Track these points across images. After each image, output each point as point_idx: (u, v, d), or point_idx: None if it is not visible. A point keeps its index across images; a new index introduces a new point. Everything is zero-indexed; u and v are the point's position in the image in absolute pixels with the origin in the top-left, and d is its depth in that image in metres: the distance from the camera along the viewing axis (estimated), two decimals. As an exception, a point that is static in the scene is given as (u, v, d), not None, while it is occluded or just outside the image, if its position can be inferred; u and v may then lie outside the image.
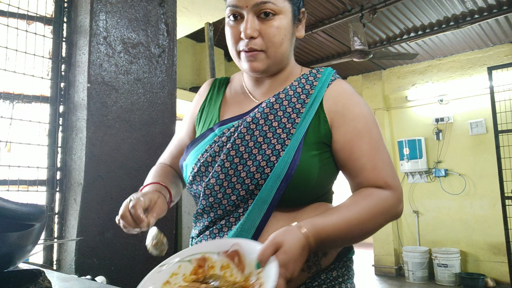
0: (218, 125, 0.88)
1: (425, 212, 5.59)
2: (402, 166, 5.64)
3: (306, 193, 0.80)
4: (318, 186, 0.81)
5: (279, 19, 0.82)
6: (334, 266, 0.84)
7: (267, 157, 0.80)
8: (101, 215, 1.79)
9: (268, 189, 0.78)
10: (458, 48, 5.18)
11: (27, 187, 1.77)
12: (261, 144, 0.81)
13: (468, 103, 5.30)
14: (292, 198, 0.79)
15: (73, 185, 1.80)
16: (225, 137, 0.84)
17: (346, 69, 5.99)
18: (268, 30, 0.81)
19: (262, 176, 0.79)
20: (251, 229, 0.79)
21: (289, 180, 0.77)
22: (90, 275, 1.55)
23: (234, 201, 0.81)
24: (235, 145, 0.82)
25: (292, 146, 0.80)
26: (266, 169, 0.79)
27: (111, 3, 1.93)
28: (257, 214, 0.79)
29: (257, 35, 0.81)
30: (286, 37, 0.84)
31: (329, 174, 0.84)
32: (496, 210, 4.81)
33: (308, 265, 0.80)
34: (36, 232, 0.66)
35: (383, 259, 5.77)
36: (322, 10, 4.05)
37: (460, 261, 5.04)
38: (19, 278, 0.62)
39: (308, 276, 0.81)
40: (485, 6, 4.00)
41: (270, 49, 0.82)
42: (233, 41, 0.85)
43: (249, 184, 0.79)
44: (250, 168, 0.80)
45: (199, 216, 0.87)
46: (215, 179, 0.82)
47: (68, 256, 1.74)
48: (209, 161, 0.84)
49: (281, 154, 0.79)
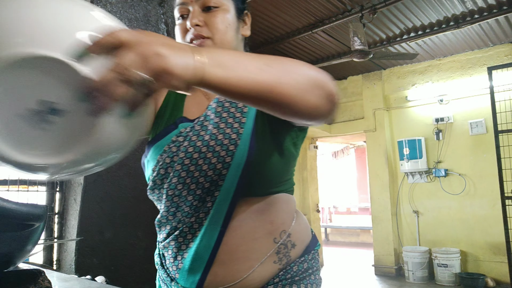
0: (180, 121, 0.88)
1: (425, 212, 5.59)
2: (402, 166, 5.64)
3: (268, 179, 0.83)
4: (278, 172, 0.84)
5: (222, 11, 0.86)
6: (304, 259, 0.88)
7: (225, 147, 0.82)
8: (101, 215, 1.79)
9: (231, 178, 0.80)
10: (458, 48, 5.18)
11: (27, 187, 1.77)
12: (216, 135, 0.83)
13: (468, 103, 5.30)
14: (256, 186, 0.81)
15: (73, 185, 1.80)
16: (181, 137, 0.85)
17: (346, 69, 5.99)
18: (212, 19, 0.85)
19: (224, 165, 0.80)
20: (220, 220, 0.80)
21: (250, 167, 0.79)
22: (90, 275, 1.55)
23: (200, 195, 0.82)
24: (192, 142, 0.83)
25: (246, 133, 0.82)
26: (226, 158, 0.81)
27: (111, 3, 1.93)
28: (223, 205, 0.80)
29: (202, 24, 0.84)
30: (231, 27, 0.87)
31: (287, 159, 0.86)
32: (496, 210, 4.81)
33: (279, 256, 0.83)
34: (36, 232, 0.66)
35: (383, 259, 5.77)
36: (322, 10, 4.05)
37: (460, 261, 5.04)
38: (19, 278, 0.62)
39: (279, 268, 0.83)
40: (485, 6, 4.00)
41: (215, 35, 0.85)
42: (181, 36, 0.88)
43: (212, 176, 0.81)
44: (211, 160, 0.81)
45: (163, 220, 0.87)
46: (177, 178, 0.82)
47: (68, 256, 1.74)
48: (167, 162, 0.84)
49: (238, 143, 0.81)
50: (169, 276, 0.87)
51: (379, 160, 5.90)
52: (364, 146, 8.94)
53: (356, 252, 8.03)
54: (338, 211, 10.51)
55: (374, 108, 5.98)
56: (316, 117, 0.69)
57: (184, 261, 0.83)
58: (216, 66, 0.54)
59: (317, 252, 0.94)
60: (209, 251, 0.80)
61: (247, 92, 0.58)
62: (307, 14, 4.12)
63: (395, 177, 5.89)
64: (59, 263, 1.79)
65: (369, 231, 8.64)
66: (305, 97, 0.64)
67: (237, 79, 0.56)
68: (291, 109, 0.63)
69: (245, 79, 0.57)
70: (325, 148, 9.94)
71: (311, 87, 0.65)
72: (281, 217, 0.86)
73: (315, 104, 0.66)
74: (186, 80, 0.50)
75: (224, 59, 0.56)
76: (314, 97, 0.65)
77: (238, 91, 0.57)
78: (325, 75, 0.69)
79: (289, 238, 0.86)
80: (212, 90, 0.55)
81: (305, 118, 0.68)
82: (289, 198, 0.90)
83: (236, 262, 0.80)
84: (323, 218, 9.94)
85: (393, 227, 5.74)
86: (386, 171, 5.82)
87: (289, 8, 3.96)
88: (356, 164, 10.64)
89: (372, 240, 6.01)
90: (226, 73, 0.55)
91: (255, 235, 0.82)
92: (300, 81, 0.64)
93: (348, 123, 6.37)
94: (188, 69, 0.50)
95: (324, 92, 0.67)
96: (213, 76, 0.53)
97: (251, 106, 0.64)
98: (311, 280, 0.88)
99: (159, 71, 0.47)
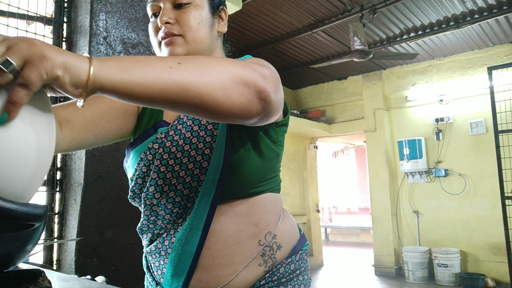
0: (159, 125, 0.86)
1: (425, 212, 5.59)
2: (402, 166, 5.64)
3: (249, 179, 0.80)
4: (259, 171, 0.81)
5: (195, 8, 0.83)
6: (291, 260, 0.86)
7: (201, 151, 0.79)
8: (101, 215, 1.79)
9: (210, 183, 0.78)
10: (458, 48, 5.18)
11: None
12: (190, 139, 0.81)
13: (468, 103, 5.30)
14: (236, 188, 0.79)
15: (73, 185, 1.80)
16: (156, 144, 0.83)
17: (346, 69, 5.99)
18: (183, 16, 0.82)
19: (202, 171, 0.79)
20: (200, 225, 0.79)
21: (227, 169, 0.77)
22: (90, 275, 1.55)
23: (180, 203, 0.80)
24: (166, 148, 0.81)
25: (221, 135, 0.80)
26: (203, 163, 0.79)
27: (111, 3, 1.93)
28: (203, 209, 0.79)
29: (173, 22, 0.82)
30: (204, 24, 0.84)
31: (268, 157, 0.83)
32: (496, 210, 4.81)
33: (264, 259, 0.82)
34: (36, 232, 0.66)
35: (383, 259, 5.77)
36: (322, 10, 4.05)
37: (460, 261, 5.04)
38: (19, 278, 0.62)
39: (265, 270, 0.82)
40: (485, 6, 4.00)
41: (187, 33, 0.82)
42: (153, 34, 0.85)
43: (191, 182, 0.79)
44: (187, 165, 0.79)
45: (144, 228, 0.86)
46: (154, 186, 0.80)
47: (68, 256, 1.74)
48: (144, 171, 0.82)
49: (213, 146, 0.79)
50: (154, 280, 0.86)
51: (379, 160, 5.90)
52: (364, 146, 8.94)
53: (356, 252, 8.03)
54: (338, 211, 10.51)
55: (374, 108, 5.97)
56: (247, 117, 0.65)
57: (167, 267, 0.82)
58: (117, 68, 0.50)
59: (305, 252, 0.92)
60: (191, 257, 0.79)
61: (157, 95, 0.53)
62: (307, 14, 4.12)
63: (395, 177, 5.89)
64: (59, 263, 1.79)
65: (369, 231, 8.64)
66: (229, 96, 0.59)
67: (142, 80, 0.52)
68: (214, 110, 0.59)
69: (151, 80, 0.52)
70: (325, 148, 9.94)
71: (236, 85, 0.60)
72: (266, 218, 0.84)
73: (242, 104, 0.61)
74: (76, 75, 0.47)
75: (129, 63, 0.52)
76: (241, 96, 0.61)
77: (146, 93, 0.52)
78: (255, 71, 0.64)
79: (274, 239, 0.84)
80: (115, 95, 0.52)
81: (233, 118, 0.63)
82: (275, 198, 0.87)
83: (219, 267, 0.79)
84: (323, 218, 9.94)
85: (393, 227, 5.74)
86: (386, 171, 5.82)
87: (289, 8, 3.96)
88: (356, 164, 10.64)
89: (372, 240, 6.01)
90: (129, 75, 0.51)
91: (239, 239, 0.80)
92: (223, 80, 0.59)
93: (348, 123, 6.37)
94: (78, 69, 0.47)
95: (252, 90, 0.62)
96: (114, 79, 0.50)
97: (167, 109, 0.58)
98: (298, 281, 0.86)
99: (29, 56, 0.43)
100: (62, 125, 0.76)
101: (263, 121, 0.71)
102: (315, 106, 6.67)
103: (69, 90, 0.48)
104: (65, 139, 0.76)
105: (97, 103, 0.83)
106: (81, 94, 0.50)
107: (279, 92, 0.70)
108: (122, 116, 0.87)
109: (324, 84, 6.64)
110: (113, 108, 0.85)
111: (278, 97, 0.69)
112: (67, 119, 0.77)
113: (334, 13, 4.14)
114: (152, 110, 0.89)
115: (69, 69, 0.47)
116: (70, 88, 0.48)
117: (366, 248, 8.08)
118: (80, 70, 0.48)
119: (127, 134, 0.90)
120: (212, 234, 0.79)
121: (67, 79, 0.47)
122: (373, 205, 5.96)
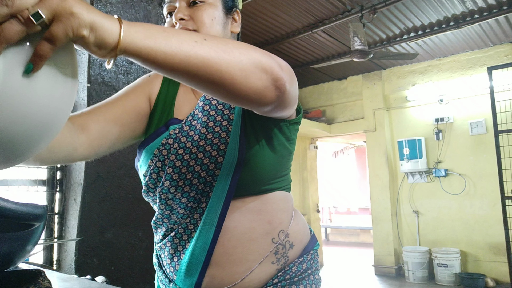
0: (171, 122, 0.87)
1: (425, 212, 5.59)
2: (402, 166, 5.64)
3: (262, 176, 0.81)
4: (272, 167, 0.82)
5: (208, 6, 0.85)
6: (303, 259, 0.87)
7: (216, 146, 0.81)
8: (101, 215, 1.79)
9: (224, 177, 0.79)
10: (458, 48, 5.18)
11: (27, 187, 1.77)
12: (205, 135, 0.82)
13: (468, 103, 5.30)
14: (250, 184, 0.80)
15: (73, 185, 1.80)
16: (171, 139, 0.84)
17: (346, 69, 5.99)
18: (197, 13, 0.84)
19: (217, 165, 0.80)
20: (214, 220, 0.79)
21: (243, 164, 0.78)
22: (90, 275, 1.55)
23: (194, 197, 0.81)
24: (181, 143, 0.83)
25: (235, 131, 0.81)
26: (218, 158, 0.80)
27: (111, 3, 1.93)
28: (217, 205, 0.80)
29: (187, 18, 0.84)
30: (217, 21, 0.86)
31: (281, 154, 0.84)
32: (496, 210, 4.81)
33: (277, 257, 0.83)
34: (36, 232, 0.66)
35: (383, 259, 5.77)
36: (322, 10, 4.05)
37: (460, 261, 5.04)
38: (19, 278, 0.62)
39: (277, 268, 0.83)
40: (485, 6, 4.00)
41: (201, 29, 0.83)
42: None
43: (206, 177, 0.80)
44: (203, 160, 0.81)
45: (159, 222, 0.86)
46: (169, 181, 0.81)
47: (68, 256, 1.74)
48: (159, 166, 0.83)
49: (228, 141, 0.80)
50: (167, 277, 0.86)
51: (379, 160, 5.90)
52: (364, 146, 8.94)
53: (356, 252, 8.03)
54: (338, 211, 10.50)
55: (374, 108, 5.98)
56: (260, 103, 0.65)
57: (181, 263, 0.82)
58: (143, 34, 0.51)
59: (316, 252, 0.93)
60: (204, 253, 0.79)
61: (179, 65, 0.54)
62: (307, 14, 4.12)
63: (395, 177, 5.89)
64: (59, 263, 1.79)
65: (369, 231, 8.64)
66: (247, 79, 0.59)
67: (166, 49, 0.53)
68: (230, 90, 0.59)
69: (175, 50, 0.53)
70: (325, 148, 9.94)
71: (255, 69, 0.60)
72: (279, 216, 0.85)
73: (258, 88, 0.61)
74: (100, 37, 0.47)
75: (155, 31, 0.53)
76: (257, 81, 0.61)
77: (168, 62, 0.53)
78: (273, 60, 0.64)
79: (287, 238, 0.85)
80: (138, 59, 0.52)
81: (247, 102, 0.64)
82: (286, 196, 0.89)
83: (233, 264, 0.80)
84: (323, 218, 9.93)
85: (393, 227, 5.74)
86: (386, 171, 5.82)
87: (289, 8, 3.96)
88: (356, 164, 10.64)
89: (372, 240, 6.01)
90: (154, 41, 0.52)
91: (252, 236, 0.81)
92: (243, 61, 0.59)
93: (348, 123, 6.37)
94: (105, 30, 0.47)
95: (270, 76, 0.62)
96: (138, 44, 0.51)
97: (185, 82, 0.58)
98: (310, 280, 0.88)
99: (59, 11, 0.43)
100: (78, 131, 0.77)
101: (276, 112, 0.71)
102: (315, 106, 6.67)
103: (92, 50, 0.49)
104: (82, 144, 0.77)
105: (111, 109, 0.85)
106: (104, 55, 0.50)
107: (294, 84, 0.70)
108: (135, 118, 0.88)
109: (324, 84, 6.64)
110: (126, 112, 0.86)
111: (293, 88, 0.70)
112: (82, 126, 0.78)
113: (334, 13, 4.14)
114: (163, 109, 0.90)
115: (96, 30, 0.47)
116: (94, 48, 0.49)
117: (366, 248, 8.08)
118: (107, 32, 0.48)
119: (140, 135, 0.91)
120: (225, 230, 0.80)
121: (91, 39, 0.47)
122: (373, 205, 5.96)
